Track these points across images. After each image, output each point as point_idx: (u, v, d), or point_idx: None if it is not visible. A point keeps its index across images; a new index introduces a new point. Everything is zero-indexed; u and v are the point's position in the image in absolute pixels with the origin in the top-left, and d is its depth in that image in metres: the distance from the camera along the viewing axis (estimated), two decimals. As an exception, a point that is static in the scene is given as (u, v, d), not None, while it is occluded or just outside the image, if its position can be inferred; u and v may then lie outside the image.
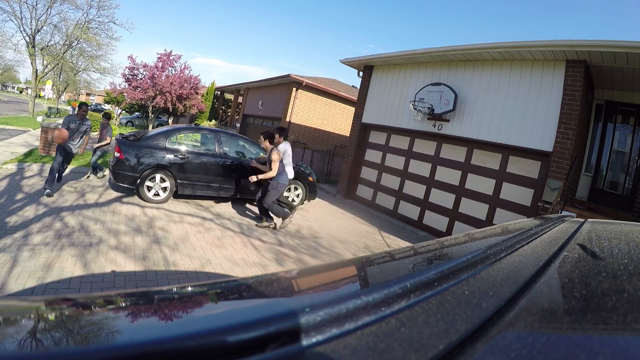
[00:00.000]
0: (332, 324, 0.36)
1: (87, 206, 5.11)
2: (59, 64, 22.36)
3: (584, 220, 1.34)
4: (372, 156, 9.32)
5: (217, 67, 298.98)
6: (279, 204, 5.62)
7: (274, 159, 5.21)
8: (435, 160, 7.67)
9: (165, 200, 5.93)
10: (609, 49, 5.02)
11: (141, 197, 5.83)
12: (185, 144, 6.27)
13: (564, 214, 1.82)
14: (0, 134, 10.68)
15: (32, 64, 19.98)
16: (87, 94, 56.65)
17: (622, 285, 0.59)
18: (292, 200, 7.19)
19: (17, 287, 2.72)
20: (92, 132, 6.11)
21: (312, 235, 5.65)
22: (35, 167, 6.85)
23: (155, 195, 5.86)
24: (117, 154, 5.67)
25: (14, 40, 32.99)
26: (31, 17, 18.92)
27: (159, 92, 16.70)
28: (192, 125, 8.47)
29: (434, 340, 0.34)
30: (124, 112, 22.54)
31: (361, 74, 9.80)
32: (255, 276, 0.63)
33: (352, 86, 17.31)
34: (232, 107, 21.86)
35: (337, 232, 6.12)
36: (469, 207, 6.89)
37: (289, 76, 13.19)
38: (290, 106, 13.48)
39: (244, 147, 6.83)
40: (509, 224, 1.19)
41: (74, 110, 27.92)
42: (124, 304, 0.58)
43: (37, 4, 18.73)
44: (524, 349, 0.32)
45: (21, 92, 65.81)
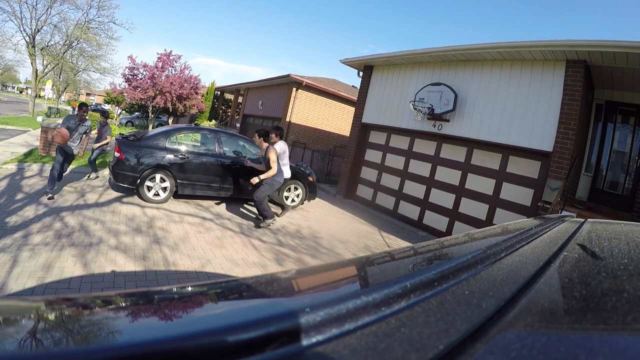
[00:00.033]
0: (332, 324, 0.36)
1: (87, 206, 5.11)
2: (59, 64, 22.36)
3: (584, 220, 1.34)
4: (372, 156, 9.32)
5: (217, 67, 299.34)
6: (266, 202, 5.65)
7: (273, 159, 5.25)
8: (435, 160, 7.67)
9: (165, 200, 5.93)
10: (609, 49, 5.03)
11: (141, 197, 5.83)
12: (185, 144, 6.27)
13: (564, 214, 1.82)
14: (0, 134, 10.69)
15: (32, 64, 19.98)
16: (87, 94, 56.66)
17: (622, 285, 0.59)
18: (292, 200, 7.19)
19: (17, 287, 2.72)
20: (91, 133, 6.05)
21: (312, 235, 5.66)
22: (35, 167, 6.85)
23: (155, 195, 5.86)
24: (117, 154, 5.68)
25: (14, 40, 33.03)
26: (31, 17, 18.95)
27: (159, 92, 16.70)
28: (192, 125, 8.48)
29: (434, 340, 0.34)
30: (124, 112, 22.54)
31: (361, 74, 9.81)
32: (255, 276, 0.63)
33: (352, 86, 17.32)
34: (232, 107, 21.86)
35: (337, 232, 6.12)
36: (469, 207, 6.89)
37: (289, 76, 13.19)
38: (290, 106, 13.48)
39: (244, 147, 6.83)
40: (509, 224, 1.19)
41: (74, 110, 27.98)
42: (124, 304, 0.58)
43: (37, 4, 18.76)
44: (524, 349, 0.32)
45: (21, 92, 65.83)
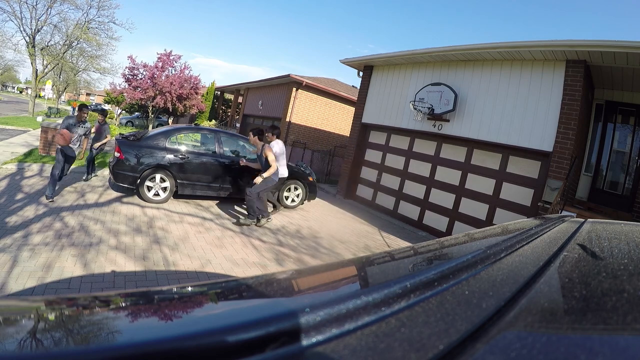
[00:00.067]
0: (332, 324, 0.36)
1: (87, 206, 5.11)
2: (59, 64, 22.36)
3: (584, 220, 1.34)
4: (372, 156, 9.32)
5: (217, 67, 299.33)
6: (259, 210, 5.62)
7: (272, 157, 5.29)
8: (435, 160, 7.67)
9: (165, 200, 5.93)
10: (609, 49, 5.03)
11: (141, 197, 5.83)
12: (185, 144, 6.27)
13: (564, 214, 1.82)
14: (0, 134, 10.69)
15: (32, 64, 19.98)
16: (87, 94, 56.66)
17: (622, 285, 0.59)
18: (292, 200, 7.19)
19: (17, 287, 2.72)
20: (91, 135, 6.02)
21: (312, 235, 5.66)
22: (35, 167, 6.85)
23: (155, 195, 5.86)
24: (117, 154, 5.67)
25: (14, 40, 33.06)
26: (31, 17, 18.95)
27: (158, 92, 16.70)
28: (192, 125, 8.47)
29: (434, 340, 0.34)
30: (124, 112, 22.53)
31: (361, 74, 9.80)
32: (255, 276, 0.63)
33: (352, 86, 17.31)
34: (232, 107, 21.86)
35: (337, 232, 6.12)
36: (469, 207, 6.89)
37: (289, 76, 13.18)
38: (290, 106, 13.48)
39: (244, 147, 6.82)
40: (509, 224, 1.19)
41: (74, 110, 27.99)
42: (124, 304, 0.58)
43: (37, 4, 18.76)
44: (524, 349, 0.32)
45: (21, 92, 65.82)
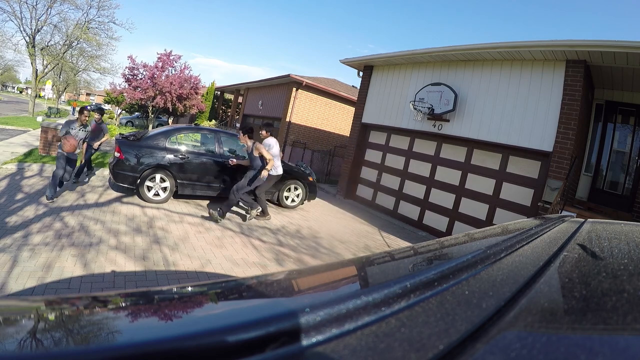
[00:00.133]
0: (332, 324, 0.36)
1: (87, 206, 5.11)
2: (59, 64, 22.37)
3: (584, 220, 1.34)
4: (372, 156, 9.32)
5: (217, 67, 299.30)
6: (244, 201, 5.66)
7: (265, 151, 5.37)
8: (435, 160, 7.67)
9: (165, 200, 5.93)
10: (609, 49, 5.03)
11: (141, 197, 5.83)
12: (185, 144, 6.27)
13: (564, 214, 1.82)
14: (0, 134, 10.68)
15: (32, 64, 19.98)
16: (87, 94, 56.68)
17: (622, 285, 0.59)
18: (292, 200, 7.19)
19: (17, 287, 2.72)
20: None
21: (312, 235, 5.65)
22: (35, 167, 6.85)
23: (155, 195, 5.86)
24: (117, 154, 5.67)
25: (14, 40, 33.04)
26: (31, 17, 18.95)
27: (158, 92, 16.69)
28: (192, 125, 8.47)
29: (434, 340, 0.34)
30: (124, 112, 22.53)
31: (361, 74, 9.80)
32: (255, 276, 0.63)
33: (352, 86, 17.31)
34: (232, 107, 21.85)
35: (337, 232, 6.12)
36: (469, 207, 6.89)
37: (289, 76, 13.18)
38: (290, 106, 13.48)
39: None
40: (509, 224, 1.19)
41: (74, 110, 27.96)
42: (124, 304, 0.58)
43: (37, 4, 18.76)
44: (524, 349, 0.32)
45: (21, 92, 65.82)
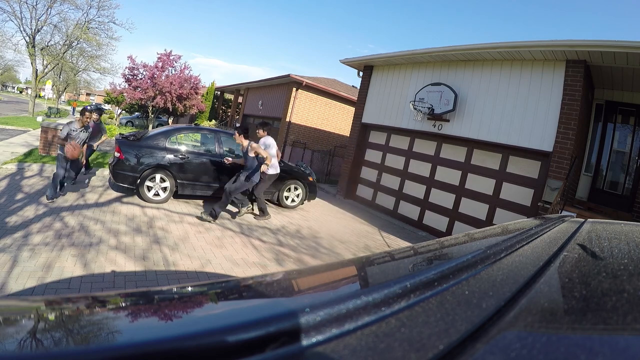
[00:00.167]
0: (332, 324, 0.36)
1: (87, 206, 5.11)
2: (59, 64, 22.37)
3: (584, 220, 1.34)
4: (372, 156, 9.32)
5: (217, 67, 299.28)
6: (235, 198, 5.65)
7: (260, 150, 5.33)
8: (435, 160, 7.67)
9: (165, 200, 5.93)
10: (609, 49, 5.03)
11: (141, 197, 5.83)
12: (185, 144, 6.27)
13: (564, 214, 1.82)
14: (0, 134, 10.68)
15: (32, 64, 19.98)
16: (87, 94, 56.70)
17: (622, 285, 0.59)
18: (292, 200, 7.19)
19: (17, 287, 2.72)
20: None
21: (312, 235, 5.65)
22: (35, 167, 6.85)
23: (155, 195, 5.86)
24: (117, 154, 5.67)
25: (14, 40, 33.06)
26: (31, 17, 18.95)
27: (158, 92, 16.69)
28: (192, 125, 8.47)
29: (434, 340, 0.34)
30: (124, 112, 22.53)
31: (361, 74, 9.80)
32: (255, 276, 0.63)
33: (352, 86, 17.31)
34: (232, 107, 21.85)
35: (337, 232, 6.12)
36: (469, 207, 6.89)
37: (289, 76, 13.18)
38: (290, 106, 13.48)
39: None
40: (509, 224, 1.19)
41: (74, 110, 27.92)
42: (124, 304, 0.58)
43: (37, 4, 18.76)
44: (524, 349, 0.32)
45: (21, 92, 65.82)
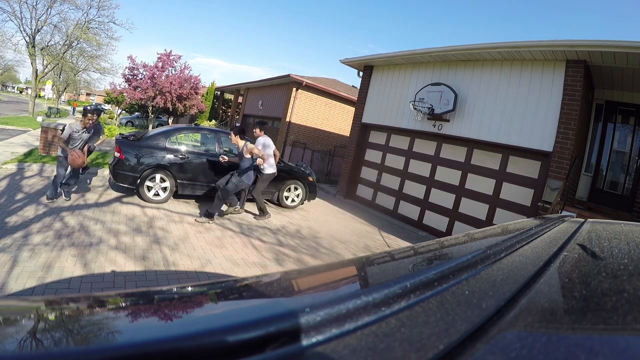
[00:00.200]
0: (332, 324, 0.36)
1: (87, 206, 5.11)
2: (59, 64, 22.37)
3: (584, 220, 1.34)
4: (372, 156, 9.32)
5: (217, 67, 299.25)
6: (224, 201, 5.62)
7: (256, 150, 5.35)
8: (435, 160, 7.67)
9: (165, 200, 5.93)
10: (609, 49, 5.03)
11: (141, 197, 5.83)
12: (185, 144, 6.27)
13: (564, 214, 1.82)
14: (0, 134, 10.68)
15: (32, 64, 19.98)
16: (87, 94, 56.70)
17: (622, 285, 0.59)
18: (292, 200, 7.19)
19: (17, 287, 2.72)
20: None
21: (312, 235, 5.65)
22: (35, 167, 6.85)
23: (155, 195, 5.86)
24: (117, 154, 5.67)
25: (14, 40, 32.99)
26: (31, 17, 18.94)
27: (158, 92, 16.68)
28: (192, 125, 8.47)
29: (434, 340, 0.34)
30: (124, 112, 22.53)
31: (361, 74, 9.80)
32: (255, 276, 0.63)
33: (352, 86, 17.31)
34: (232, 107, 21.84)
35: (337, 232, 6.12)
36: (469, 207, 6.89)
37: (289, 76, 13.18)
38: (290, 106, 13.48)
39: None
40: (509, 224, 1.19)
41: (74, 110, 27.91)
42: (124, 304, 0.58)
43: (37, 4, 18.76)
44: (524, 349, 0.32)
45: (21, 92, 65.81)
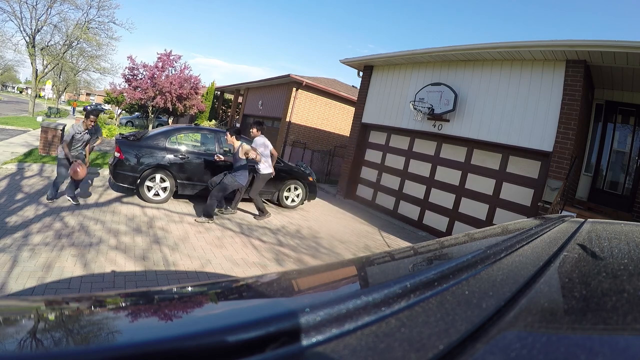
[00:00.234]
0: (332, 324, 0.36)
1: (87, 206, 5.11)
2: (59, 64, 22.38)
3: (584, 220, 1.34)
4: (372, 156, 9.32)
5: (217, 67, 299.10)
6: (221, 202, 5.62)
7: (251, 153, 5.33)
8: (435, 160, 7.67)
9: (165, 200, 5.93)
10: (609, 49, 5.03)
11: (141, 197, 5.83)
12: (185, 144, 6.27)
13: (564, 214, 1.82)
14: (0, 134, 10.68)
15: (32, 64, 19.99)
16: (87, 94, 56.72)
17: (622, 285, 0.59)
18: (292, 200, 7.19)
19: (17, 287, 2.72)
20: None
21: (312, 235, 5.65)
22: (35, 167, 6.85)
23: (155, 195, 5.86)
24: (117, 154, 5.67)
25: (14, 40, 32.98)
26: (31, 17, 18.96)
27: (158, 92, 16.67)
28: (192, 125, 8.47)
29: (434, 340, 0.34)
30: (124, 112, 22.52)
31: (361, 74, 9.80)
32: (255, 276, 0.63)
33: (352, 86, 17.31)
34: (232, 107, 21.84)
35: (337, 232, 6.12)
36: (469, 207, 6.89)
37: (289, 76, 13.18)
38: (290, 106, 13.48)
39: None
40: (509, 224, 1.19)
41: (74, 110, 27.89)
42: (124, 304, 0.58)
43: (37, 4, 18.77)
44: (524, 349, 0.32)
45: (21, 92, 65.81)
